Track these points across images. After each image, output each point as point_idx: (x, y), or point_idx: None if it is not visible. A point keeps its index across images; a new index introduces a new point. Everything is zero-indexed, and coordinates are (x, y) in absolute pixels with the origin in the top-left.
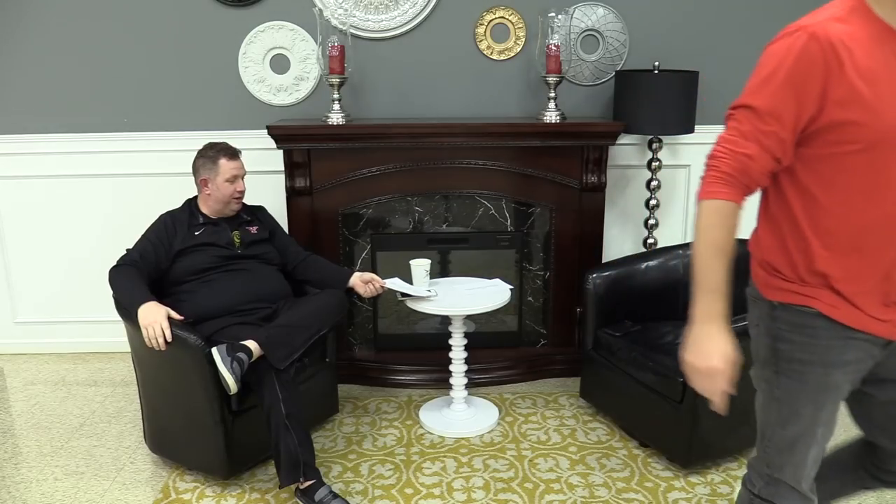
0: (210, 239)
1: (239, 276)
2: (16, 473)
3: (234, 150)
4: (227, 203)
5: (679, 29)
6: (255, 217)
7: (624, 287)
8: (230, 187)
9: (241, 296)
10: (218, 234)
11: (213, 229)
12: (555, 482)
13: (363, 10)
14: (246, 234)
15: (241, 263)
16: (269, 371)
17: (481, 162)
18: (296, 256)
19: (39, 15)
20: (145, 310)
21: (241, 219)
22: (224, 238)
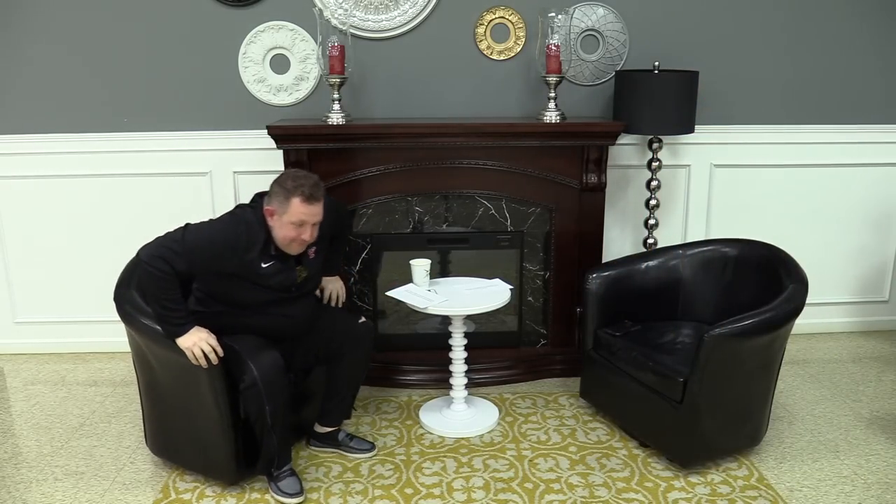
0: (274, 279)
1: (285, 313)
2: (16, 473)
3: (314, 193)
4: (286, 245)
5: (679, 29)
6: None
7: (624, 287)
8: (294, 231)
9: (280, 330)
10: (284, 273)
11: (280, 266)
12: (555, 482)
13: (363, 10)
14: (309, 264)
15: (293, 298)
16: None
17: (481, 162)
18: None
19: (39, 15)
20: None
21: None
22: (289, 279)
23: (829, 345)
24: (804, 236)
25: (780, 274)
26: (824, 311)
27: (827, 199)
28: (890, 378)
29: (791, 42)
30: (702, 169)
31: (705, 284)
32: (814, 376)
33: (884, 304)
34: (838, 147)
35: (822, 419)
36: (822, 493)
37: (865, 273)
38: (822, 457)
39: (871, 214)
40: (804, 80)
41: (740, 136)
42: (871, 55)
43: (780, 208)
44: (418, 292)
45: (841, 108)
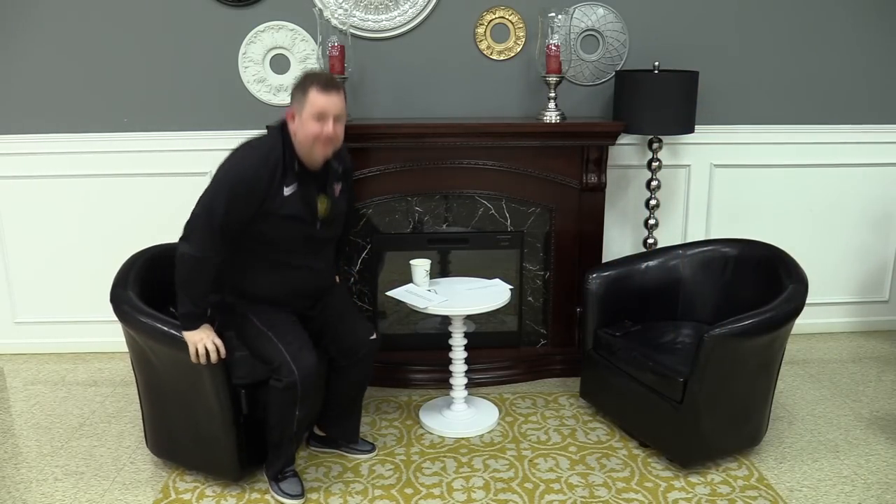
0: (296, 208)
1: (309, 264)
2: (16, 473)
3: (330, 82)
4: (309, 146)
5: (679, 29)
6: (343, 166)
7: (624, 287)
8: (316, 126)
9: (298, 292)
10: (306, 201)
11: (302, 192)
12: (555, 482)
13: (363, 10)
14: (332, 197)
15: (314, 247)
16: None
17: (481, 162)
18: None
19: (39, 15)
20: (198, 333)
21: (333, 170)
22: (311, 208)
23: (829, 345)
24: (804, 236)
25: (780, 274)
26: (824, 311)
27: (827, 199)
28: (890, 378)
29: (791, 42)
30: (702, 169)
31: (705, 284)
32: (814, 376)
33: (884, 304)
34: (838, 147)
35: (822, 419)
36: (822, 493)
37: (865, 273)
38: (822, 457)
39: (871, 214)
40: (804, 80)
41: (740, 136)
42: (871, 55)
43: (780, 208)
44: (418, 292)
45: (841, 108)
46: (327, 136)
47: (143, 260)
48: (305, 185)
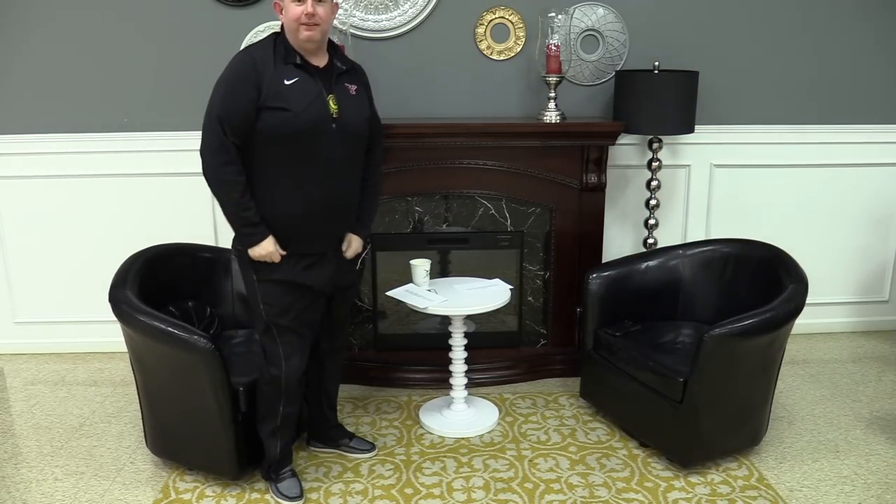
0: (302, 102)
1: (328, 179)
2: (16, 473)
3: None
4: (295, 31)
5: (679, 29)
6: (354, 72)
7: (624, 287)
8: (296, 9)
9: (321, 214)
10: (313, 96)
11: (306, 81)
12: (555, 482)
13: (363, 10)
14: (343, 95)
15: (334, 155)
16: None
17: (481, 162)
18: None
19: (40, 15)
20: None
21: (336, 68)
22: (320, 106)
23: (829, 345)
24: (804, 236)
25: (780, 274)
26: (824, 311)
27: (827, 199)
28: (890, 378)
29: (791, 42)
30: (702, 169)
31: (705, 284)
32: (814, 376)
33: (884, 304)
34: (838, 147)
35: (822, 419)
36: (822, 493)
37: (865, 273)
38: (822, 457)
39: (871, 214)
40: (804, 80)
41: (740, 136)
42: (871, 55)
43: (780, 208)
44: (418, 292)
45: (841, 108)
46: (308, 16)
47: (143, 260)
48: (310, 78)
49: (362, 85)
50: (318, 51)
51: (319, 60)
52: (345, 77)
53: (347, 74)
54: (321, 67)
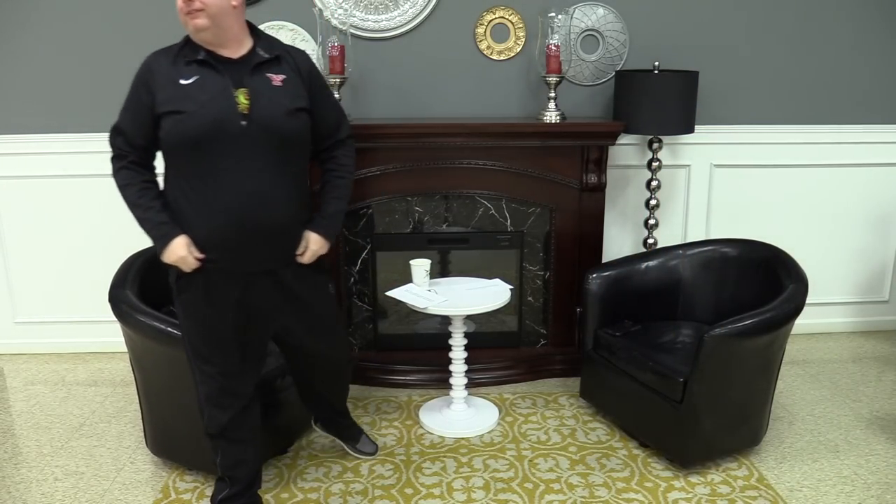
0: (196, 99)
1: (238, 181)
2: (16, 473)
3: None
4: (185, 25)
5: (679, 29)
6: (287, 58)
7: (624, 287)
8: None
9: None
10: (217, 92)
11: (207, 77)
12: (555, 482)
13: (363, 10)
14: (262, 87)
15: (246, 155)
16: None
17: (481, 162)
18: (326, 139)
19: (39, 15)
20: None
21: (257, 57)
22: (226, 103)
23: (829, 345)
24: (804, 236)
25: (780, 274)
26: (824, 311)
27: (827, 199)
28: (890, 378)
29: (791, 42)
30: (702, 169)
31: (705, 284)
32: (814, 376)
33: (884, 304)
34: (838, 147)
35: (822, 419)
36: (822, 493)
37: (865, 273)
38: (822, 457)
39: (871, 214)
40: (804, 80)
41: (740, 136)
42: (871, 55)
43: (779, 208)
44: (418, 292)
45: (841, 108)
46: (186, 3)
47: (142, 260)
48: (214, 74)
49: (295, 73)
50: (227, 41)
51: (233, 51)
52: (268, 66)
53: (272, 63)
54: (235, 59)
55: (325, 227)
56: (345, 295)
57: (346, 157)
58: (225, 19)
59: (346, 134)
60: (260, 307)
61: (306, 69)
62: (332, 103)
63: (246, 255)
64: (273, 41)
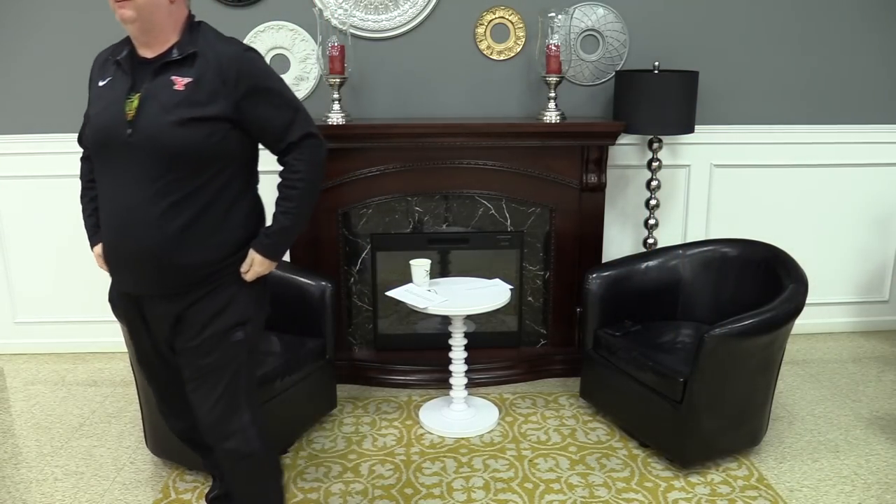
0: (99, 104)
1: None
2: (16, 473)
3: None
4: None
5: (679, 29)
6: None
7: (624, 287)
8: None
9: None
10: (115, 91)
11: (117, 78)
12: (555, 482)
13: (363, 10)
14: (160, 92)
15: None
16: None
17: (481, 162)
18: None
19: (39, 15)
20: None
21: (168, 56)
22: (116, 108)
23: (829, 345)
24: (804, 236)
25: (780, 274)
26: (824, 311)
27: (827, 199)
28: (890, 378)
29: (791, 42)
30: (702, 169)
31: (705, 284)
32: (814, 376)
33: (884, 304)
34: (838, 147)
35: (822, 419)
36: (822, 493)
37: (865, 273)
38: (822, 457)
39: (871, 214)
40: (804, 80)
41: (740, 136)
42: (871, 55)
43: (780, 208)
44: (418, 292)
45: (841, 108)
46: None
47: None
48: (122, 76)
49: (214, 75)
50: (154, 39)
51: (151, 50)
52: (176, 67)
53: (182, 63)
54: (149, 60)
55: (265, 246)
56: (345, 295)
57: (300, 161)
58: (155, 14)
59: (301, 134)
60: (157, 333)
61: (234, 71)
62: (275, 105)
63: (121, 276)
64: (201, 38)
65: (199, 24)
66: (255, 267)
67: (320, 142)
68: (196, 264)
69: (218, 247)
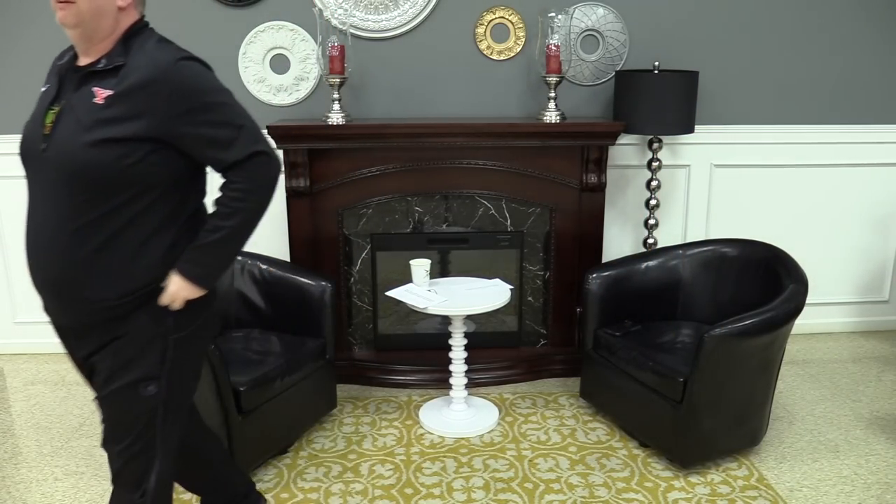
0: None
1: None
2: (16, 473)
3: None
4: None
5: (679, 29)
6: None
7: (624, 287)
8: None
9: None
10: (43, 102)
11: (52, 85)
12: (555, 482)
13: (363, 10)
14: (79, 105)
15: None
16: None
17: (481, 162)
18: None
19: (39, 14)
20: None
21: (94, 66)
22: (37, 119)
23: (829, 345)
24: (804, 236)
25: (780, 274)
26: (824, 311)
27: (827, 199)
28: (890, 378)
29: (791, 42)
30: (702, 169)
31: (705, 284)
32: (814, 376)
33: (884, 304)
34: (838, 147)
35: (822, 419)
36: (822, 493)
37: (865, 273)
38: (822, 457)
39: (871, 214)
40: (804, 80)
41: (740, 136)
42: (871, 55)
43: (780, 208)
44: (418, 292)
45: (841, 108)
46: None
47: None
48: (55, 84)
49: (140, 90)
50: (90, 47)
51: (88, 58)
52: (98, 78)
53: (105, 75)
54: (81, 67)
55: (183, 264)
56: (345, 295)
57: (241, 181)
58: (101, 21)
59: (246, 153)
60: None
61: (166, 84)
62: (214, 122)
63: (41, 297)
64: (135, 46)
65: (142, 31)
66: (169, 286)
67: (270, 160)
68: (96, 298)
69: (125, 282)
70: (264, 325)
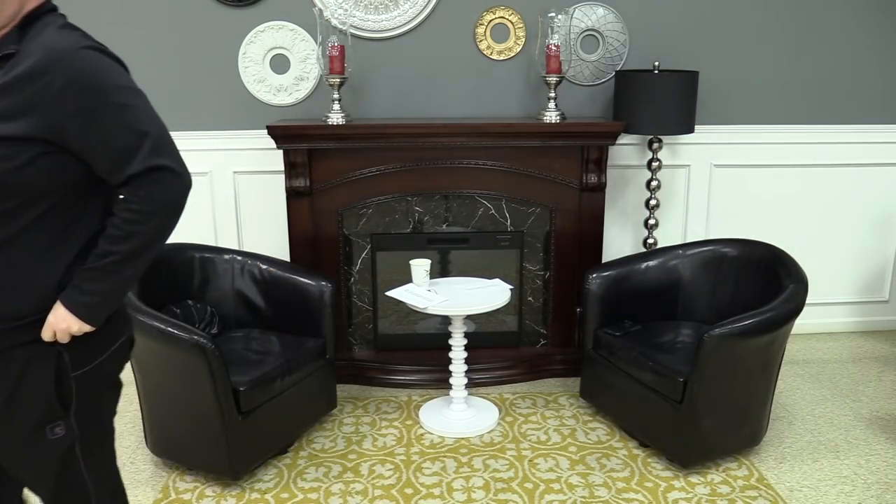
0: None
1: None
2: None
3: None
4: None
5: (679, 29)
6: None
7: (624, 287)
8: None
9: None
10: None
11: None
12: (555, 482)
13: (363, 10)
14: None
15: None
16: None
17: (481, 162)
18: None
19: None
20: None
21: None
22: None
23: (829, 345)
24: (804, 236)
25: (780, 274)
26: (824, 311)
27: (827, 199)
28: (890, 378)
29: (791, 42)
30: (702, 169)
31: (705, 284)
32: (814, 376)
33: (884, 304)
34: (838, 147)
35: (822, 419)
36: (822, 493)
37: (865, 273)
38: (822, 457)
39: (871, 214)
40: (804, 80)
41: (740, 136)
42: (871, 55)
43: (780, 208)
44: (418, 292)
45: (841, 108)
46: None
47: None
48: None
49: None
50: None
51: None
52: None
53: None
54: None
55: (67, 290)
56: (345, 295)
57: (137, 200)
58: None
59: (145, 166)
60: None
61: (59, 74)
62: (113, 123)
63: None
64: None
65: (45, 16)
66: (49, 316)
67: (175, 177)
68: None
69: (8, 309)
70: (264, 325)
